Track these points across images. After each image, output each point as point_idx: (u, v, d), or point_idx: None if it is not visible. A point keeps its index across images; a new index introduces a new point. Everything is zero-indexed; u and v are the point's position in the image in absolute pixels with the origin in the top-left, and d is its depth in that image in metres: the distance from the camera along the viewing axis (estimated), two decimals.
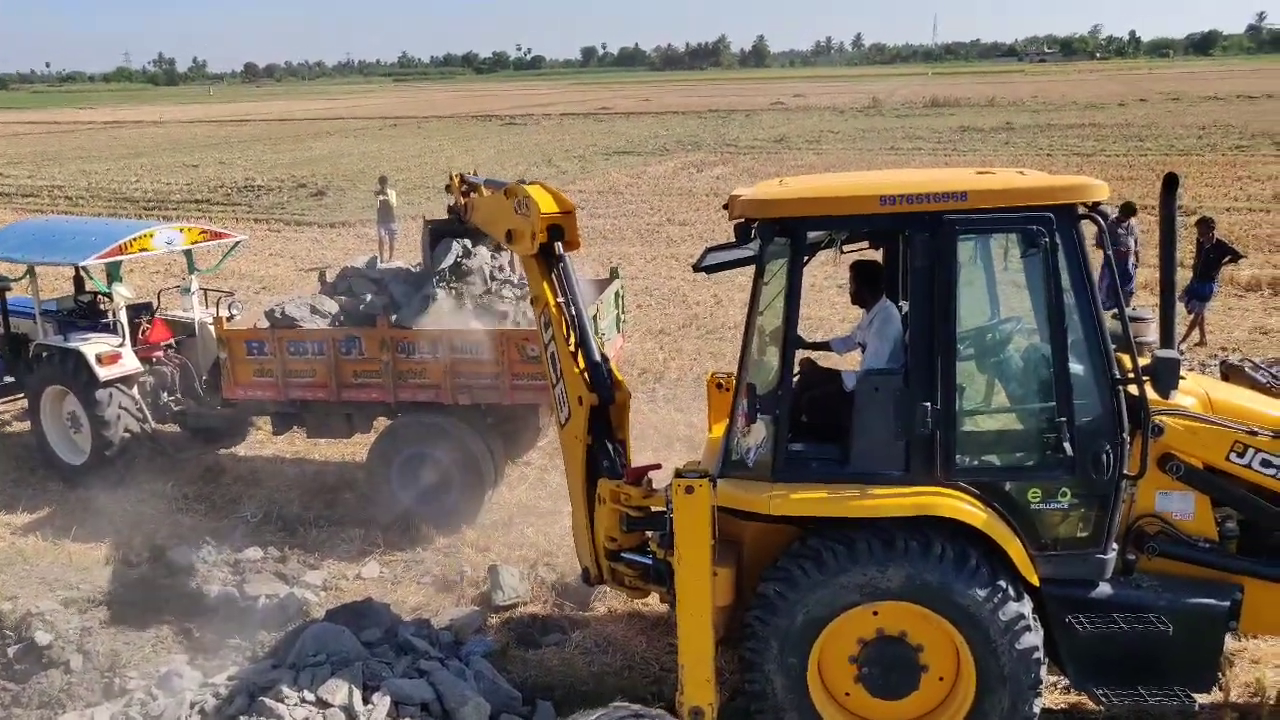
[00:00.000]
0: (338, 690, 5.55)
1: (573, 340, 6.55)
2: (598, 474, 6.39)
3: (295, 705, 5.48)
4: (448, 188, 9.17)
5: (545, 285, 6.59)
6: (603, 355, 6.68)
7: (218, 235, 11.58)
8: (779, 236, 5.26)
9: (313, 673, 5.76)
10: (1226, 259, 14.16)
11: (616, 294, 10.55)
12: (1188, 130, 41.78)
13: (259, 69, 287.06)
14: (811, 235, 5.44)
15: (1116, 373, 5.14)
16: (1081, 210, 5.07)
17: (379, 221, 22.05)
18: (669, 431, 11.32)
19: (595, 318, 9.89)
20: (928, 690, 5.46)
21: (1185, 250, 15.65)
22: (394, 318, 9.37)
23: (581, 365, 6.51)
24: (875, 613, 5.33)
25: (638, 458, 10.09)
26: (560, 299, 6.57)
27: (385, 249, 21.43)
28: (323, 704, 5.52)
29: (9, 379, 11.56)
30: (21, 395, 11.50)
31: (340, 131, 58.76)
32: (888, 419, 5.26)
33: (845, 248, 5.93)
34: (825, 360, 6.89)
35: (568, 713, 6.32)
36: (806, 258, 5.37)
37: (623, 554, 6.21)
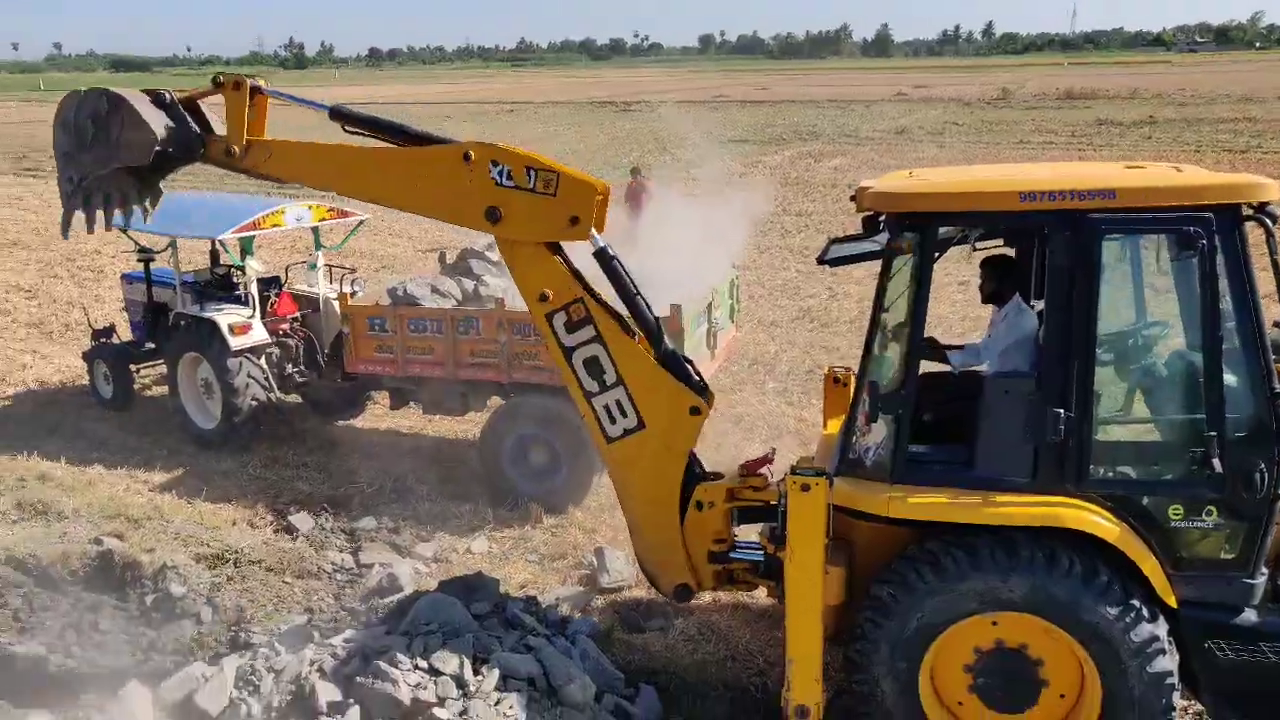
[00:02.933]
0: (449, 660, 5.64)
1: (640, 339, 5.90)
2: (691, 483, 6.11)
3: (408, 671, 5.58)
4: None
5: (563, 272, 5.84)
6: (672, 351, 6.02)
7: (343, 214, 11.91)
8: (909, 231, 5.09)
9: (425, 641, 5.86)
10: None
11: (732, 283, 10.45)
12: None
13: (383, 53, 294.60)
14: (943, 231, 5.25)
15: (1277, 386, 4.81)
16: (1246, 211, 4.75)
17: None
18: (778, 424, 11.19)
19: (711, 306, 9.84)
20: (1047, 706, 5.24)
21: None
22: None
23: (662, 367, 5.84)
24: (995, 623, 5.13)
25: (746, 450, 10.06)
26: (585, 291, 5.86)
27: None
28: (434, 672, 5.61)
29: (150, 345, 12.15)
30: (161, 361, 12.06)
31: (458, 116, 59.90)
32: (1016, 424, 5.04)
33: (978, 245, 5.72)
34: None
35: (671, 698, 6.30)
36: (937, 254, 5.18)
37: (735, 551, 6.13)
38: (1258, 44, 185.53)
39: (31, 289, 18.65)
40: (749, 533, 6.43)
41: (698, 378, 6.00)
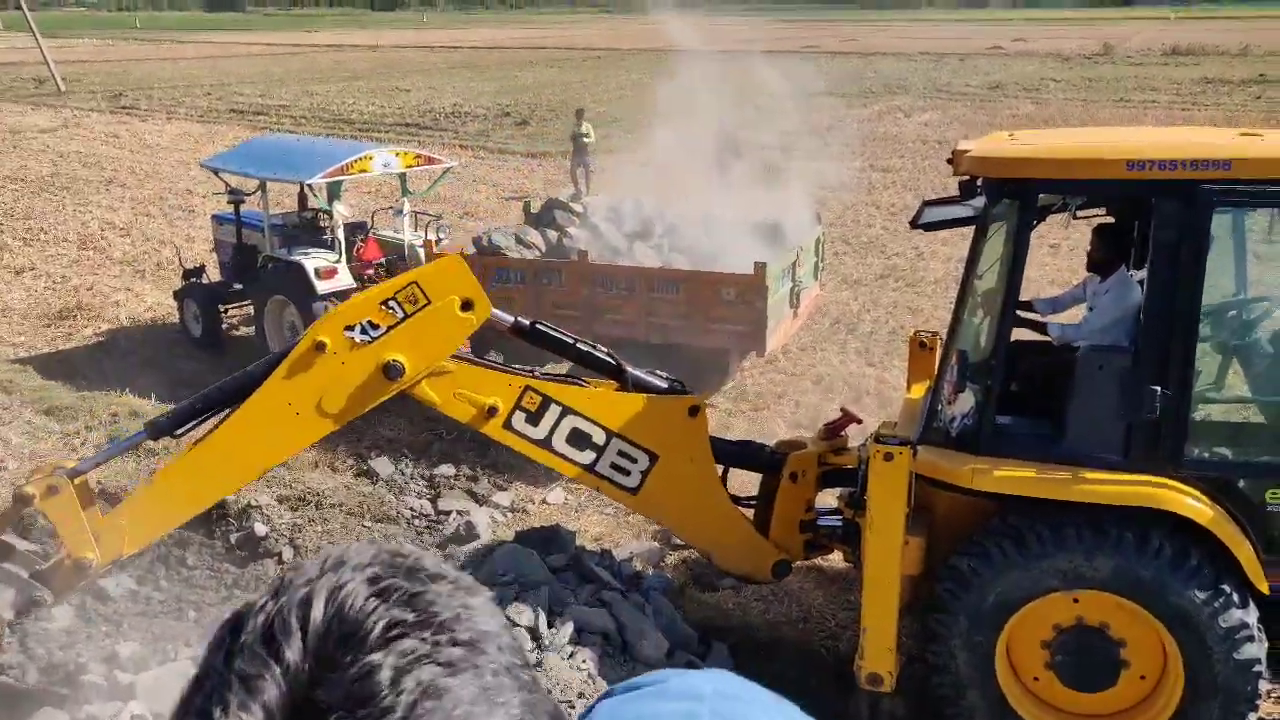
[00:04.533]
0: (524, 612, 5.75)
1: (600, 385, 5.70)
2: (735, 466, 6.06)
3: None
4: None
5: (494, 375, 5.55)
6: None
7: (430, 160, 12.01)
8: (1008, 197, 4.94)
9: (501, 592, 5.99)
10: None
11: (817, 241, 10.32)
12: None
13: None
14: (1043, 198, 5.08)
15: None
16: None
17: (574, 155, 21.55)
18: (858, 385, 11.04)
19: (795, 265, 9.75)
20: (1126, 687, 5.15)
21: None
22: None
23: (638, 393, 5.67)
24: (1076, 600, 5.04)
25: (826, 407, 9.99)
26: (524, 371, 5.65)
27: (583, 184, 21.42)
28: (510, 624, 5.74)
29: (238, 286, 12.44)
30: (249, 302, 12.34)
31: (545, 61, 59.77)
32: (1111, 399, 4.90)
33: (1080, 214, 5.53)
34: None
35: (742, 657, 6.35)
36: (1036, 222, 5.03)
37: (820, 519, 6.10)
38: None
39: (125, 226, 19.20)
40: (825, 496, 6.42)
41: (670, 380, 5.87)
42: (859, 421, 6.26)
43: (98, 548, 5.24)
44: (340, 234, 11.21)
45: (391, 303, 5.15)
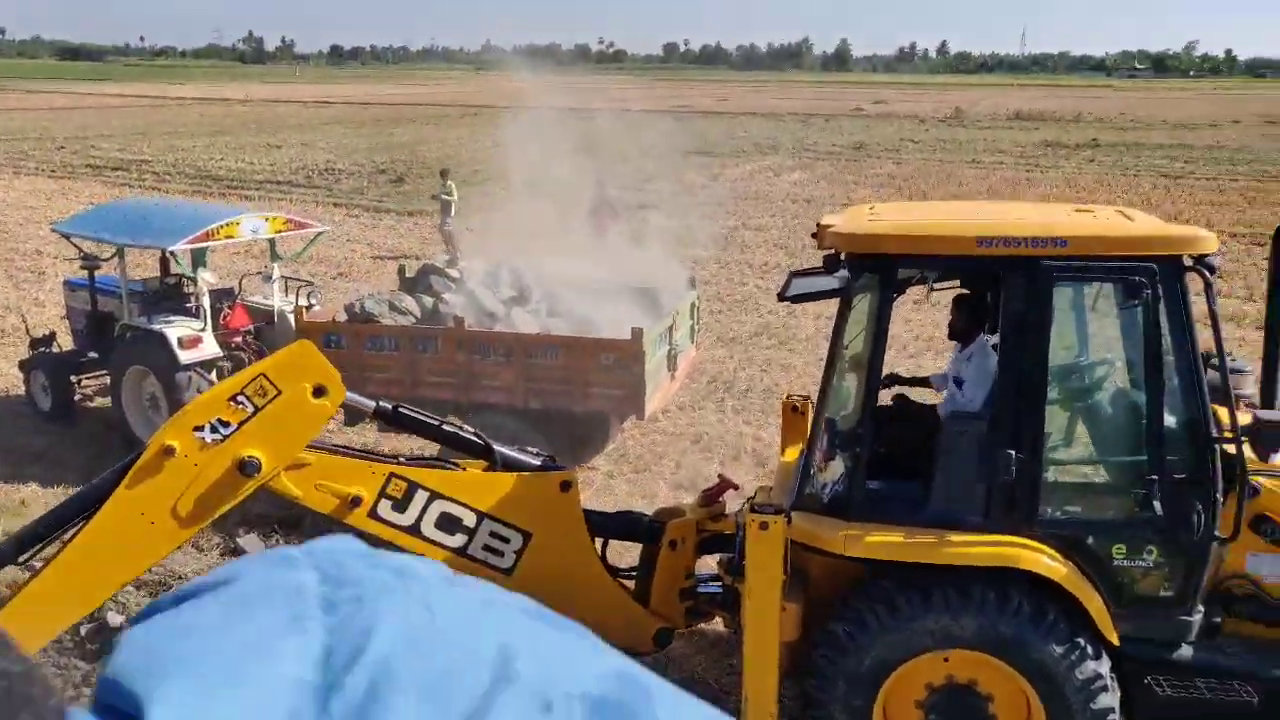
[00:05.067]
0: None
1: (466, 466, 5.64)
2: (613, 538, 6.07)
3: None
4: None
5: (353, 463, 5.38)
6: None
7: (301, 225, 11.78)
8: (869, 272, 5.18)
9: None
10: None
11: (692, 305, 10.52)
12: None
13: (344, 51, 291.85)
14: (902, 271, 5.35)
15: (1214, 431, 4.96)
16: (1187, 263, 4.90)
17: (442, 216, 20.97)
18: (736, 444, 11.26)
19: (671, 328, 9.92)
20: None
21: None
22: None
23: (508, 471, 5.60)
24: (946, 659, 5.22)
25: (706, 466, 10.13)
26: (400, 461, 5.60)
27: (455, 246, 21.13)
28: None
29: (93, 355, 11.87)
30: (104, 373, 11.77)
31: (421, 118, 59.57)
32: (970, 463, 5.15)
33: (937, 285, 5.82)
34: (921, 395, 6.73)
35: None
36: (897, 294, 5.28)
37: (700, 586, 6.16)
38: (1191, 72, 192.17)
39: None
40: (707, 563, 6.49)
41: (542, 456, 5.86)
42: (736, 488, 6.38)
43: None
44: (205, 301, 10.85)
45: (240, 397, 4.94)
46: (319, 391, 5.00)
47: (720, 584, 6.16)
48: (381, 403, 5.58)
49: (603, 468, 10.87)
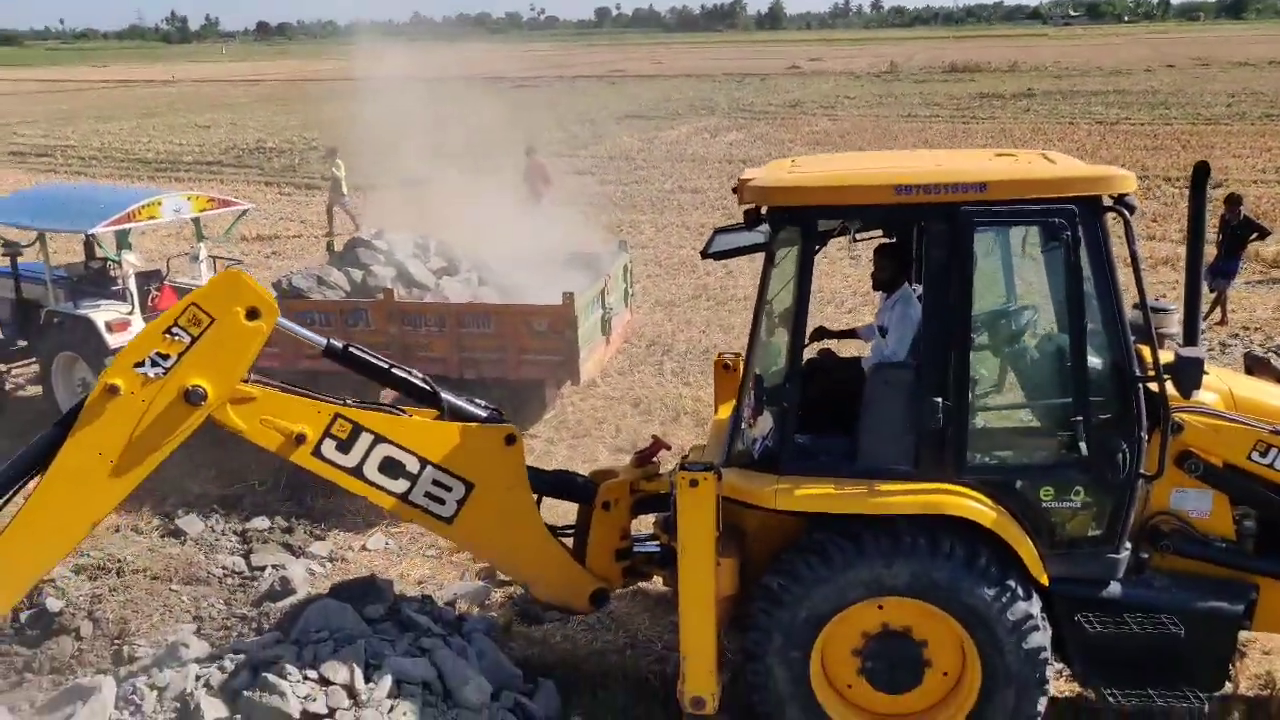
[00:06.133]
0: (340, 669, 5.53)
1: (414, 412, 5.68)
2: (548, 495, 6.07)
3: (298, 682, 5.46)
4: None
5: (300, 401, 5.41)
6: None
7: (225, 203, 11.51)
8: (790, 224, 5.13)
9: (315, 650, 5.73)
10: (1253, 235, 13.93)
11: (625, 268, 10.46)
12: (1216, 98, 40.94)
13: (271, 27, 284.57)
14: (823, 223, 5.31)
15: (1136, 370, 5.02)
16: (1107, 202, 4.92)
17: (331, 195, 20.82)
18: (675, 405, 11.26)
19: (604, 292, 9.84)
20: (931, 685, 5.40)
21: (1210, 226, 15.44)
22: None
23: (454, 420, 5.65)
24: (880, 606, 5.26)
25: (646, 429, 10.10)
26: (346, 403, 5.51)
27: (344, 222, 20.59)
28: (325, 681, 5.49)
29: (21, 343, 11.57)
30: (33, 360, 11.50)
31: (352, 93, 58.40)
32: (898, 413, 5.16)
33: (859, 235, 5.81)
34: (847, 349, 6.74)
35: (571, 692, 6.30)
36: (819, 246, 5.25)
37: (635, 546, 6.16)
38: (1125, 17, 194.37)
39: None
40: (644, 523, 6.48)
41: (489, 408, 5.88)
42: (669, 448, 6.37)
43: None
44: (132, 284, 10.59)
45: (175, 329, 5.05)
46: (252, 314, 5.09)
47: (658, 543, 6.16)
48: (333, 341, 5.53)
49: (543, 435, 10.81)
